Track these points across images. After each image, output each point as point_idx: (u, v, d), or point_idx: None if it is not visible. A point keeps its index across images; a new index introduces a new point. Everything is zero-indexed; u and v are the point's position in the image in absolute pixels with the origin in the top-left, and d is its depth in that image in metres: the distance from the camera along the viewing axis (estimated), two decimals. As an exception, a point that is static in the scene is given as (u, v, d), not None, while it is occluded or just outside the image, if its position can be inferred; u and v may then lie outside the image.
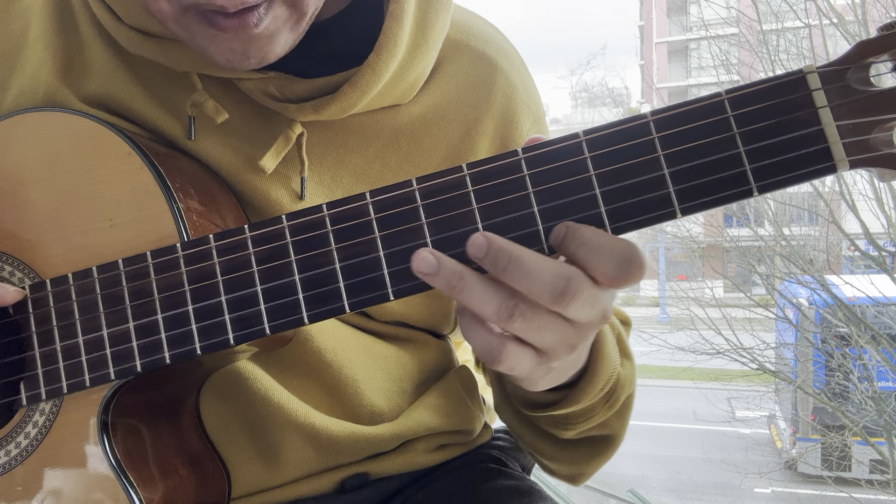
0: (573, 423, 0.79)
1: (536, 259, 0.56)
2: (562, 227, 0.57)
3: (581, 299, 0.56)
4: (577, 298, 0.56)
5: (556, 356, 0.60)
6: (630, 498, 4.34)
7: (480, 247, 0.56)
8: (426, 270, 0.57)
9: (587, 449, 0.85)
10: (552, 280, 0.55)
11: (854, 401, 8.62)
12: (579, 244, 0.56)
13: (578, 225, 0.57)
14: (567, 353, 0.60)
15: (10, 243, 0.72)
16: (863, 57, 0.55)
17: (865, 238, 8.52)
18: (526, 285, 0.56)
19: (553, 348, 0.59)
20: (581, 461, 0.86)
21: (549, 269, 0.56)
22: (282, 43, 0.68)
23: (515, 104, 0.87)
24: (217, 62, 0.69)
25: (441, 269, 0.57)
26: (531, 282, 0.55)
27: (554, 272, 0.55)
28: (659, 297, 16.43)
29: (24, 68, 0.81)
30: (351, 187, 0.82)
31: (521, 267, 0.56)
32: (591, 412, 0.78)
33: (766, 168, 0.55)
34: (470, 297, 0.57)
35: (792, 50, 8.98)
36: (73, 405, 0.70)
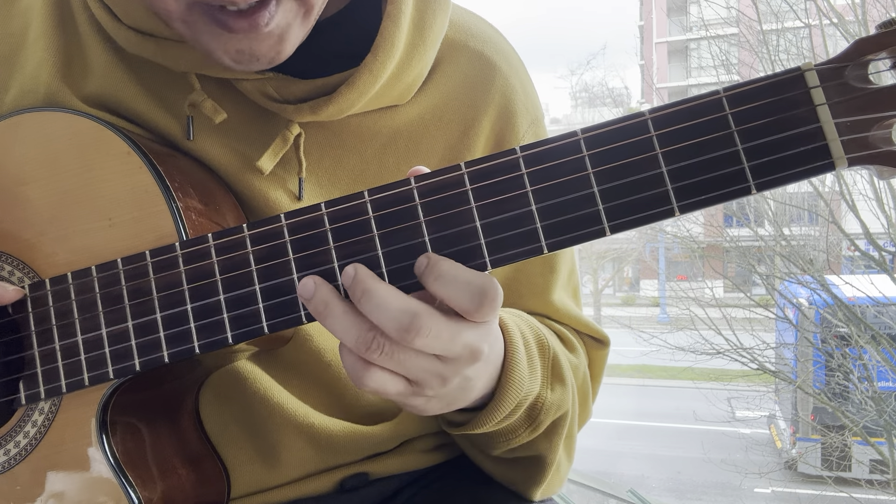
0: (494, 443, 0.79)
1: (388, 294, 0.58)
2: (423, 258, 0.59)
3: (428, 335, 0.58)
4: (422, 334, 0.58)
5: (429, 385, 0.62)
6: (630, 498, 4.33)
7: (347, 276, 0.60)
8: (304, 295, 0.61)
9: (519, 468, 0.85)
10: (397, 315, 0.58)
11: (854, 401, 8.61)
12: (436, 276, 0.58)
13: (437, 257, 0.59)
14: (440, 385, 0.62)
15: (10, 243, 0.72)
16: (861, 54, 0.54)
17: (865, 238, 8.51)
18: (376, 318, 0.58)
19: (422, 379, 0.61)
20: (516, 480, 0.86)
21: (395, 304, 0.58)
22: (292, 41, 0.68)
23: (514, 105, 0.87)
24: (224, 63, 0.68)
25: (314, 295, 0.60)
26: (379, 315, 0.58)
27: (400, 307, 0.58)
28: (659, 297, 16.44)
29: (23, 68, 0.81)
30: (349, 188, 0.82)
31: (371, 300, 0.58)
32: (512, 434, 0.78)
33: (764, 166, 0.55)
34: (332, 324, 0.60)
35: (792, 50, 8.98)
36: (72, 404, 0.70)
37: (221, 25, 0.64)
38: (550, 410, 0.78)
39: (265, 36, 0.65)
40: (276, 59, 0.68)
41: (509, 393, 0.72)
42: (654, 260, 16.39)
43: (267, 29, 0.64)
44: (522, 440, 0.79)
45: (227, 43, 0.66)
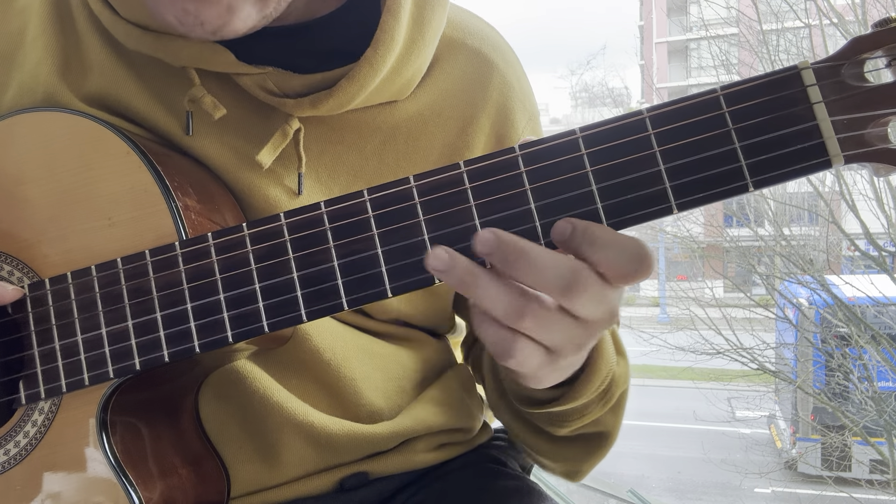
0: (568, 420, 0.79)
1: (544, 253, 0.56)
2: (566, 224, 0.57)
3: (588, 294, 0.56)
4: (585, 292, 0.56)
5: (564, 354, 0.60)
6: (630, 498, 4.34)
7: (487, 242, 0.56)
8: (440, 267, 0.57)
9: (581, 446, 0.85)
10: (560, 273, 0.55)
11: (854, 401, 8.61)
12: (590, 242, 0.56)
13: (586, 223, 0.57)
14: (574, 352, 0.61)
15: (9, 243, 0.72)
16: (857, 53, 0.55)
17: (865, 238, 8.51)
18: (533, 279, 0.56)
19: (562, 346, 0.59)
20: (576, 458, 0.86)
21: (557, 262, 0.56)
22: (242, 17, 0.66)
23: (511, 101, 0.87)
24: (167, 22, 0.66)
25: (454, 266, 0.57)
26: (538, 275, 0.56)
27: (562, 266, 0.56)
28: (659, 297, 16.43)
29: (22, 67, 0.81)
30: (348, 184, 0.82)
31: (528, 261, 0.55)
32: (587, 409, 0.78)
33: (761, 163, 0.56)
34: (482, 295, 0.57)
35: (792, 50, 8.98)
36: (72, 404, 0.70)
37: None
38: (619, 383, 0.79)
39: (214, 2, 0.64)
40: (221, 31, 0.66)
41: (602, 365, 0.73)
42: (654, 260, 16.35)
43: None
44: (595, 415, 0.79)
45: (176, 1, 0.64)
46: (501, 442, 1.01)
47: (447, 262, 0.57)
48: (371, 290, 0.61)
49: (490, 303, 0.57)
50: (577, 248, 0.57)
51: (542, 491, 0.90)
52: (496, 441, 1.01)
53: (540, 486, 0.91)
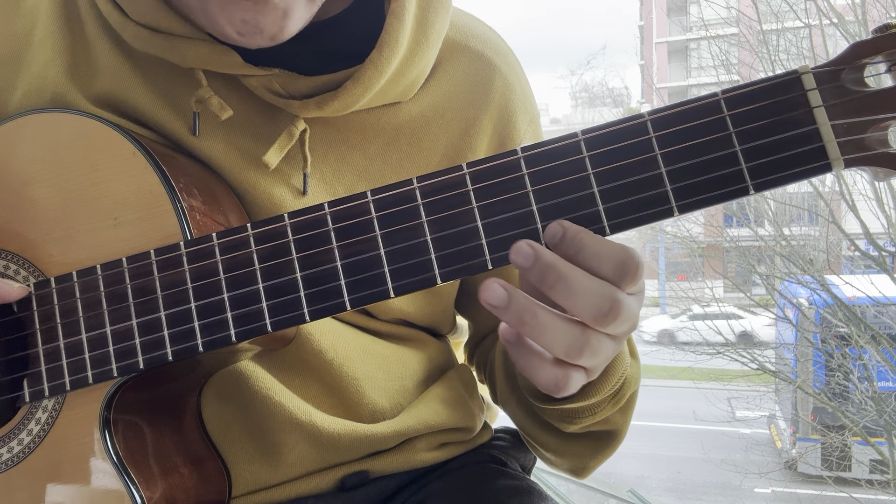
0: (580, 417, 0.79)
1: (584, 280, 0.56)
2: (557, 227, 0.58)
3: (621, 318, 0.57)
4: (620, 318, 0.56)
5: (595, 371, 0.62)
6: (630, 498, 4.34)
7: (527, 257, 0.56)
8: (496, 303, 0.56)
9: (589, 443, 0.85)
10: (598, 302, 0.56)
11: (854, 401, 8.60)
12: (577, 248, 0.57)
13: (577, 228, 0.58)
14: (603, 363, 0.62)
15: (16, 242, 0.73)
16: (857, 58, 0.55)
17: (865, 238, 8.51)
18: (571, 304, 0.56)
19: (600, 365, 0.61)
20: (583, 455, 0.87)
21: (595, 290, 0.56)
22: (296, 19, 0.68)
23: (513, 104, 0.88)
24: (227, 35, 0.68)
25: (511, 302, 0.56)
26: (576, 302, 0.56)
27: (600, 293, 0.56)
28: (659, 297, 16.43)
29: (30, 68, 0.81)
30: (352, 184, 0.83)
31: (568, 287, 0.56)
32: (598, 407, 0.78)
33: (761, 166, 0.56)
34: (542, 334, 0.56)
35: (792, 50, 8.97)
36: (75, 402, 0.70)
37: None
38: (631, 383, 0.79)
39: (271, 8, 0.65)
40: (278, 36, 0.68)
41: (618, 366, 0.74)
42: (654, 260, 16.38)
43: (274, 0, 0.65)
44: (605, 413, 0.79)
45: (234, 13, 0.66)
46: (502, 442, 1.01)
47: (503, 299, 0.56)
48: (374, 291, 0.62)
49: (551, 342, 0.56)
50: (565, 251, 0.57)
51: (542, 491, 0.90)
52: (497, 441, 1.01)
53: (540, 485, 0.92)
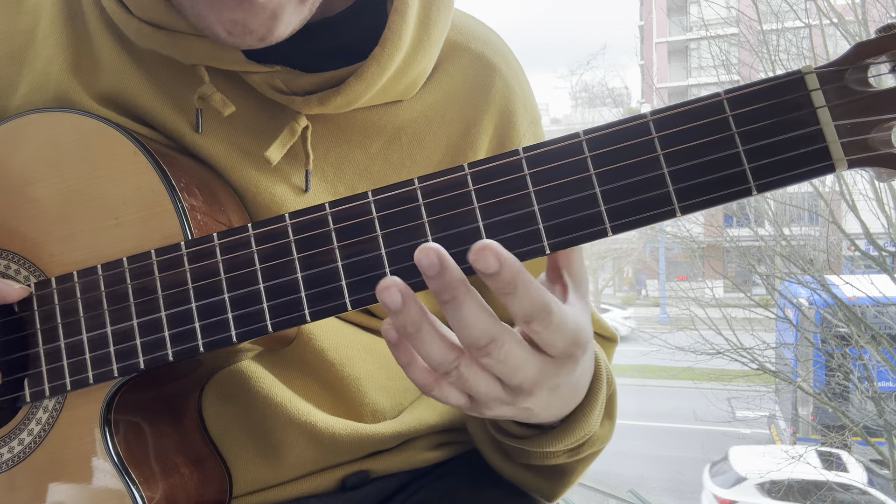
0: (531, 457, 0.79)
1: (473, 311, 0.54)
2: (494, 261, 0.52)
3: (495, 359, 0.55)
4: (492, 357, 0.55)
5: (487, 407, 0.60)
6: (630, 498, 4.34)
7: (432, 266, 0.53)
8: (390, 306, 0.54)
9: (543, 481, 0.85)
10: (478, 334, 0.54)
11: (854, 401, 8.61)
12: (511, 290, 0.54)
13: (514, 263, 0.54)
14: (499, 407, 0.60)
15: (16, 241, 0.73)
16: (861, 58, 0.55)
17: (865, 238, 8.51)
18: (454, 325, 0.55)
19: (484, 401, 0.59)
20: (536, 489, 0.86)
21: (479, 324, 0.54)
22: (286, 22, 0.68)
23: (513, 105, 0.88)
24: (216, 34, 0.69)
25: (404, 310, 0.55)
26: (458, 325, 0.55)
27: (482, 328, 0.54)
28: (659, 297, 16.44)
29: (33, 65, 0.81)
30: (353, 183, 0.83)
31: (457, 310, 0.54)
32: (552, 456, 0.78)
33: (764, 167, 0.56)
34: (418, 345, 0.56)
35: (792, 50, 8.97)
36: (76, 402, 0.70)
37: None
38: (594, 443, 0.79)
39: (259, 9, 0.66)
40: (267, 37, 0.68)
41: (578, 429, 0.72)
42: (654, 260, 16.39)
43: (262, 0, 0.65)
44: (558, 461, 0.79)
45: (223, 12, 0.66)
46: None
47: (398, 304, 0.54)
48: (374, 291, 0.61)
49: (424, 353, 0.56)
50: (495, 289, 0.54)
51: (541, 490, 0.90)
52: (497, 441, 1.01)
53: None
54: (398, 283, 0.54)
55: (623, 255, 20.64)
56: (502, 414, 0.62)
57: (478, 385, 0.58)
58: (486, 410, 0.61)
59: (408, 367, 0.59)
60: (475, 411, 0.62)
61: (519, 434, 0.76)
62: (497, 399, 0.59)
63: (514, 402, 0.60)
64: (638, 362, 12.76)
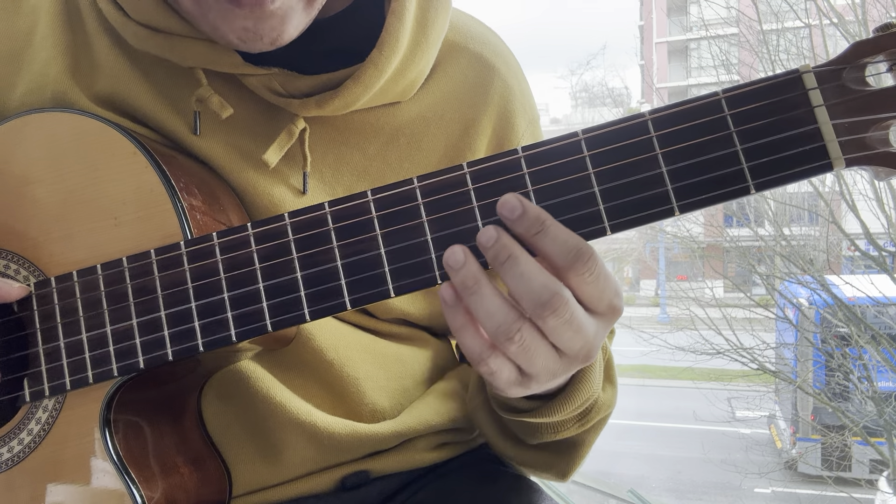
0: (542, 433, 0.80)
1: (532, 265, 0.57)
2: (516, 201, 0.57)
3: (561, 317, 0.56)
4: (558, 315, 0.56)
5: (537, 381, 0.61)
6: (630, 498, 4.33)
7: (490, 238, 0.57)
8: (452, 264, 0.58)
9: (554, 457, 0.85)
10: (539, 289, 0.56)
11: (854, 401, 8.61)
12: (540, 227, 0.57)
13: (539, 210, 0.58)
14: (548, 379, 0.62)
15: (16, 241, 0.73)
16: (859, 57, 0.55)
17: (865, 238, 8.50)
18: (514, 285, 0.57)
19: (537, 374, 0.60)
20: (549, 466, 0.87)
21: (539, 277, 0.56)
22: (295, 24, 0.69)
23: (512, 105, 0.88)
24: (229, 41, 0.70)
25: (465, 266, 0.58)
26: (519, 283, 0.56)
27: (543, 282, 0.56)
28: (659, 297, 16.43)
29: (31, 66, 0.81)
30: (351, 184, 0.83)
31: (515, 266, 0.56)
32: (562, 427, 0.79)
33: (762, 166, 0.56)
34: (478, 303, 0.58)
35: (792, 50, 8.97)
36: (76, 402, 0.70)
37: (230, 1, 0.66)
38: (601, 409, 0.80)
39: (269, 15, 0.67)
40: (277, 41, 0.70)
41: (582, 390, 0.74)
42: (654, 260, 16.38)
43: (272, 7, 0.66)
44: (569, 434, 0.80)
45: (234, 21, 0.67)
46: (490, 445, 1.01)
47: (460, 261, 0.58)
48: (374, 290, 0.62)
49: (484, 315, 0.57)
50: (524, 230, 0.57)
51: (541, 490, 0.90)
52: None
53: (539, 485, 0.92)
54: (461, 246, 0.58)
55: (623, 255, 20.65)
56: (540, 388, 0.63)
57: (537, 355, 0.58)
58: (535, 385, 0.61)
59: (461, 330, 0.59)
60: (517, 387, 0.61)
61: (526, 408, 0.76)
62: (551, 371, 0.60)
63: (567, 371, 0.61)
64: (638, 362, 12.75)
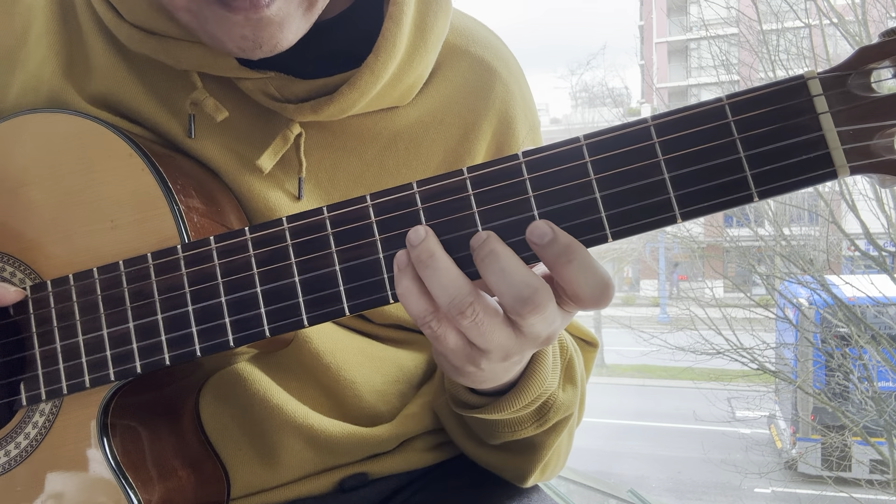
0: (499, 431, 0.79)
1: (513, 261, 0.57)
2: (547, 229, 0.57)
3: (541, 314, 0.56)
4: (538, 312, 0.56)
5: (488, 357, 0.61)
6: (630, 498, 4.33)
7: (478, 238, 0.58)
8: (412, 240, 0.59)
9: (512, 458, 0.85)
10: (520, 287, 0.56)
11: (854, 401, 8.61)
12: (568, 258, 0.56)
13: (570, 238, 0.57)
14: (500, 359, 0.61)
15: (12, 244, 0.72)
16: (864, 63, 0.54)
17: (865, 238, 8.51)
18: (495, 282, 0.57)
19: (489, 350, 0.60)
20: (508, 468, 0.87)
21: (520, 274, 0.56)
22: (293, 30, 0.69)
23: (513, 110, 0.87)
24: (228, 50, 0.69)
25: (422, 243, 0.58)
26: (501, 280, 0.56)
27: (524, 279, 0.56)
28: (659, 297, 16.45)
29: (26, 66, 0.81)
30: (348, 190, 0.82)
31: (496, 262, 0.57)
32: (519, 425, 0.78)
33: (766, 174, 0.55)
34: (431, 276, 0.58)
35: (792, 50, 8.97)
36: (72, 406, 0.70)
37: (224, 5, 0.65)
38: (560, 410, 0.79)
39: (267, 22, 0.66)
40: (276, 48, 0.69)
41: (532, 385, 0.73)
42: (654, 260, 16.39)
43: (268, 11, 0.65)
44: (527, 433, 0.79)
45: (231, 29, 0.67)
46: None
47: (419, 237, 0.58)
48: (373, 296, 0.61)
49: (436, 288, 0.58)
50: (554, 260, 0.57)
51: (541, 490, 0.90)
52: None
53: (539, 485, 0.91)
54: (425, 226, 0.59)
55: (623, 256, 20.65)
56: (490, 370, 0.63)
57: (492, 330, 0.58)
58: (485, 363, 0.61)
59: (405, 295, 0.59)
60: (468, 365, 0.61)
61: (476, 403, 0.76)
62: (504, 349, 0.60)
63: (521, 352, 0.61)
64: (638, 362, 12.77)
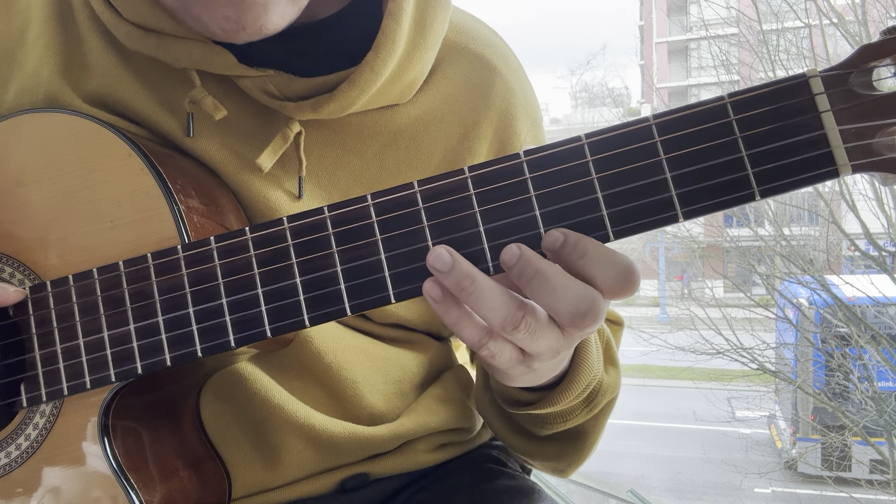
0: (551, 423, 0.80)
1: (563, 277, 0.56)
2: (558, 233, 0.57)
3: (598, 319, 0.56)
4: (598, 321, 0.56)
5: (539, 360, 0.61)
6: (630, 498, 4.34)
7: (513, 256, 0.57)
8: (439, 267, 0.57)
9: (559, 446, 0.86)
10: (577, 301, 0.56)
11: (854, 401, 8.62)
12: (581, 254, 0.57)
13: (578, 235, 0.57)
14: (550, 357, 0.61)
15: (11, 245, 0.72)
16: (865, 61, 0.54)
17: (865, 238, 8.52)
18: (549, 302, 0.56)
19: (540, 353, 0.60)
20: (553, 458, 0.87)
21: (574, 289, 0.56)
22: (279, 13, 0.68)
23: (514, 108, 0.87)
24: (211, 32, 0.68)
25: (454, 268, 0.57)
26: (555, 299, 0.56)
27: (580, 293, 0.56)
28: (659, 297, 16.44)
29: (23, 66, 0.81)
30: (349, 189, 0.82)
31: (546, 283, 0.56)
32: (570, 415, 0.79)
33: (768, 172, 0.55)
34: (478, 302, 0.57)
35: (792, 50, 8.98)
36: (73, 407, 0.70)
37: None
38: (606, 393, 0.80)
39: (250, 4, 0.66)
40: (261, 31, 0.68)
41: (582, 374, 0.74)
42: (654, 260, 16.38)
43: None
44: (578, 421, 0.80)
45: (215, 9, 0.66)
46: (501, 442, 1.01)
47: (447, 263, 0.57)
48: (374, 296, 0.61)
49: (486, 312, 0.57)
50: (567, 258, 0.57)
51: (541, 490, 0.90)
52: (496, 441, 1.01)
53: (539, 485, 0.91)
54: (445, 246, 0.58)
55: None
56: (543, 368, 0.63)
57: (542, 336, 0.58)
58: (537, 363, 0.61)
59: (457, 324, 0.58)
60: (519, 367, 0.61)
61: (529, 400, 0.77)
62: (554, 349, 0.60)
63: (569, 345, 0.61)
64: (638, 362, 12.76)
